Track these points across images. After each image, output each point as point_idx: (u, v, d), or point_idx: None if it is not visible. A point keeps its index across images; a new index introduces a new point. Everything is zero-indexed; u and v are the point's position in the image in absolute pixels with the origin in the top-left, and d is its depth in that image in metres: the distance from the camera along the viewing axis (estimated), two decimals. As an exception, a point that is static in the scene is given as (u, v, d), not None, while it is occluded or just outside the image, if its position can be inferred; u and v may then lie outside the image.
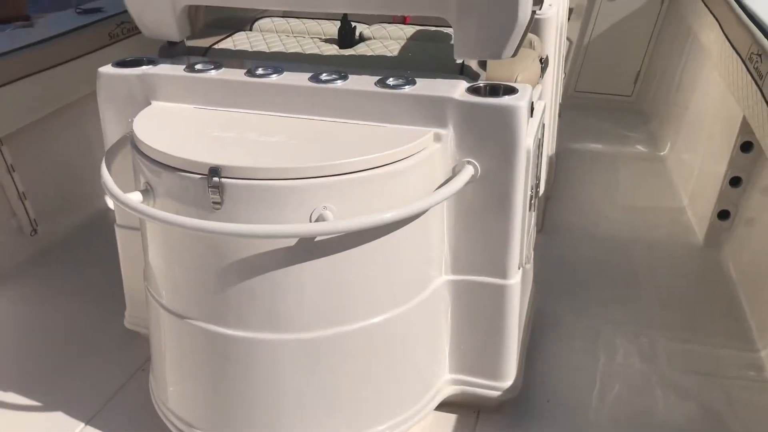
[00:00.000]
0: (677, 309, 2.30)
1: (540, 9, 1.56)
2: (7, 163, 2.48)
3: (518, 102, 1.46)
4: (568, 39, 4.18)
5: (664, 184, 3.26)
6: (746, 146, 2.58)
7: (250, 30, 2.04)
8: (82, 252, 2.61)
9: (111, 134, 1.72)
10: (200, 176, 1.34)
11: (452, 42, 1.56)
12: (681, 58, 3.75)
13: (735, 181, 2.62)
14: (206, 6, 1.80)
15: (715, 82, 3.00)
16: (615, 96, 4.28)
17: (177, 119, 1.58)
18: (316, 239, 1.38)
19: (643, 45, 4.17)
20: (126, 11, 1.74)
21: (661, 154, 3.59)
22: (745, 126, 2.51)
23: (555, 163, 3.04)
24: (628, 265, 2.58)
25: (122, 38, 2.81)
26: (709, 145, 2.96)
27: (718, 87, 2.93)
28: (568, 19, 3.99)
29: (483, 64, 1.61)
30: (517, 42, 1.51)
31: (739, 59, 2.50)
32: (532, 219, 1.74)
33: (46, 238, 2.64)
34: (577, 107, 4.04)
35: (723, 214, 2.64)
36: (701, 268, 2.57)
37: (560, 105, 3.11)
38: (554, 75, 2.53)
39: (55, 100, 2.59)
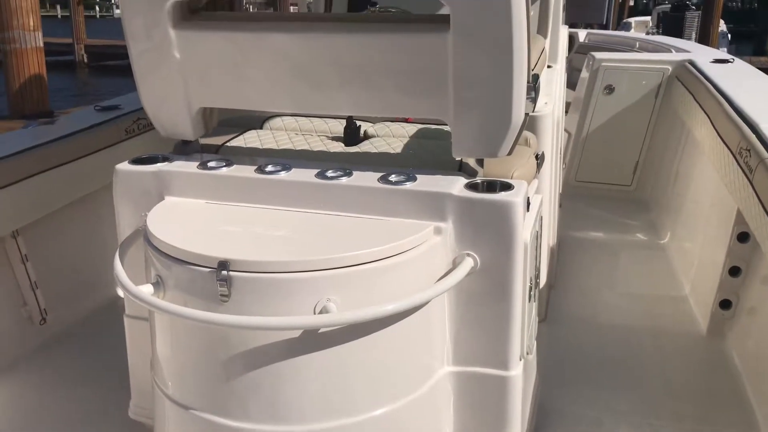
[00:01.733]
0: (682, 399, 2.29)
1: (534, 111, 1.65)
2: (22, 254, 2.55)
3: (514, 198, 1.52)
4: (566, 131, 4.32)
5: (666, 273, 3.28)
6: (743, 236, 2.62)
7: (261, 128, 2.14)
8: (89, 341, 2.63)
9: (125, 227, 1.78)
10: (209, 269, 1.39)
11: (451, 140, 1.64)
12: (677, 149, 3.86)
13: (734, 271, 2.65)
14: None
15: (709, 174, 3.07)
16: (615, 185, 4.37)
17: (189, 214, 1.65)
18: (320, 331, 1.41)
19: (640, 137, 4.29)
20: (142, 108, 1.83)
21: (662, 242, 3.64)
22: (740, 217, 2.56)
23: (557, 252, 3.08)
24: (633, 354, 2.58)
25: (138, 133, 2.93)
26: (708, 234, 3.00)
27: (712, 179, 3.00)
28: (566, 112, 4.14)
29: (480, 162, 1.69)
30: (512, 142, 1.59)
31: (730, 153, 2.57)
32: (533, 309, 1.77)
33: (55, 326, 2.66)
34: (578, 196, 4.13)
35: (725, 304, 2.65)
36: (706, 358, 2.56)
37: (560, 195, 3.19)
38: (552, 167, 2.62)
39: (71, 192, 2.68)
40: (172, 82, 1.72)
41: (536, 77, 1.62)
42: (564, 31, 3.18)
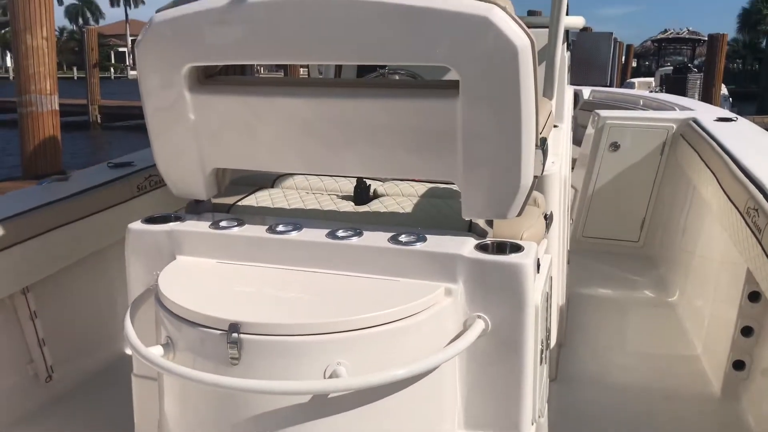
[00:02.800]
0: None
1: (542, 174, 1.67)
2: (31, 310, 2.54)
3: (524, 260, 1.52)
4: (573, 187, 4.35)
5: (677, 332, 3.24)
6: (754, 296, 2.60)
7: (272, 187, 2.17)
8: (95, 399, 2.60)
9: (135, 286, 1.78)
10: (220, 332, 1.39)
11: (460, 199, 1.65)
12: (684, 206, 3.86)
13: (746, 331, 2.61)
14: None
15: (717, 232, 3.07)
16: (622, 241, 4.35)
17: (200, 274, 1.66)
18: (329, 395, 1.40)
19: (646, 193, 4.30)
20: (154, 165, 1.85)
21: (671, 299, 3.61)
22: (750, 276, 2.54)
23: (566, 309, 3.06)
24: (645, 416, 2.52)
25: (149, 190, 2.95)
26: (718, 293, 2.98)
27: (720, 237, 2.99)
28: (572, 169, 4.18)
29: (490, 222, 1.70)
30: (522, 204, 1.60)
31: (738, 212, 2.57)
32: (545, 371, 1.75)
33: (61, 384, 2.64)
34: (586, 252, 4.12)
35: (738, 365, 2.61)
36: (720, 420, 2.50)
37: (568, 251, 3.18)
38: (560, 224, 2.63)
39: (82, 249, 2.69)
40: (186, 143, 1.76)
41: (544, 140, 1.64)
42: (569, 91, 3.24)
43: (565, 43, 2.95)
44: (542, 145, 1.60)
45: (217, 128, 1.74)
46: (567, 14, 2.84)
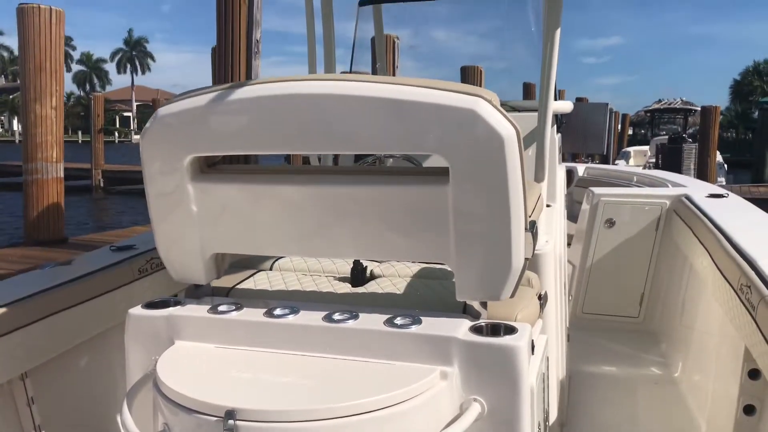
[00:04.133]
0: None
1: (533, 254, 1.71)
2: (28, 396, 2.50)
3: (518, 342, 1.54)
4: (570, 263, 4.38)
5: (680, 410, 3.21)
6: (753, 373, 2.58)
7: (271, 269, 2.20)
8: None
9: (134, 372, 1.79)
10: (216, 419, 1.40)
11: (454, 280, 1.68)
12: (681, 282, 3.87)
13: (749, 409, 2.59)
14: None
15: (714, 308, 3.07)
16: (622, 317, 4.34)
17: (198, 359, 1.67)
18: None
19: (644, 268, 4.31)
20: (155, 248, 1.88)
21: (674, 376, 3.58)
22: (748, 353, 2.53)
23: (567, 387, 3.04)
24: None
25: (151, 273, 2.96)
26: (719, 370, 2.96)
27: (717, 313, 2.99)
28: (569, 244, 4.21)
29: (484, 303, 1.73)
30: (514, 285, 1.64)
31: (732, 289, 2.58)
32: None
33: None
34: (586, 329, 4.10)
35: None
36: None
37: (568, 329, 3.18)
38: (558, 302, 2.64)
39: (82, 333, 2.67)
40: (186, 229, 1.79)
41: (533, 223, 1.69)
42: (561, 170, 3.31)
43: (554, 126, 3.05)
44: (532, 227, 1.65)
45: (218, 215, 1.78)
46: (556, 98, 2.95)
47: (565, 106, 3.20)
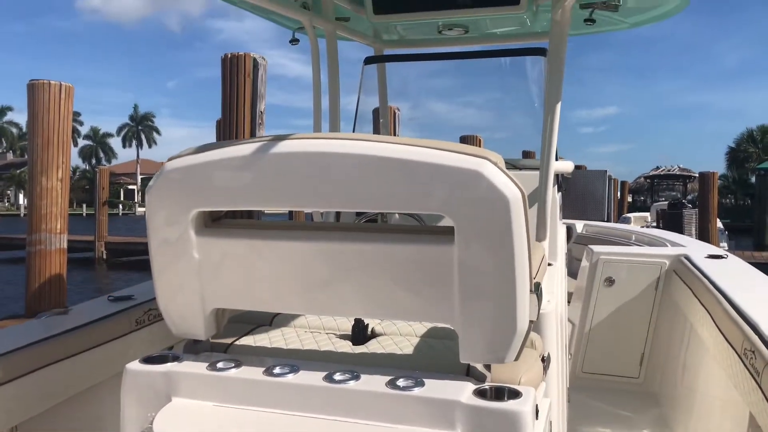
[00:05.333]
0: None
1: (537, 318, 1.70)
2: None
3: (523, 407, 1.52)
4: (570, 321, 4.33)
5: None
6: None
7: (271, 325, 2.18)
8: None
9: (129, 428, 1.76)
10: None
11: (457, 339, 1.66)
12: (682, 343, 3.81)
13: None
14: None
15: (716, 371, 3.02)
16: (622, 377, 4.27)
17: (195, 419, 1.64)
18: None
19: (644, 328, 4.26)
20: (153, 299, 1.87)
21: None
22: (753, 420, 2.46)
23: None
24: None
25: (148, 324, 2.92)
26: None
27: (720, 378, 2.94)
28: (569, 302, 4.18)
29: (488, 366, 1.71)
30: (518, 348, 1.62)
31: (735, 354, 2.54)
32: None
33: None
34: (586, 389, 4.02)
35: None
36: None
37: (568, 389, 3.11)
38: (559, 362, 2.60)
39: (77, 385, 2.62)
40: (188, 282, 1.80)
41: (538, 285, 1.69)
42: (562, 229, 3.33)
43: (556, 186, 3.08)
44: (536, 289, 1.64)
45: (220, 269, 1.79)
46: (557, 158, 3.00)
47: (567, 166, 3.25)
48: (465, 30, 3.51)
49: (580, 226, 6.57)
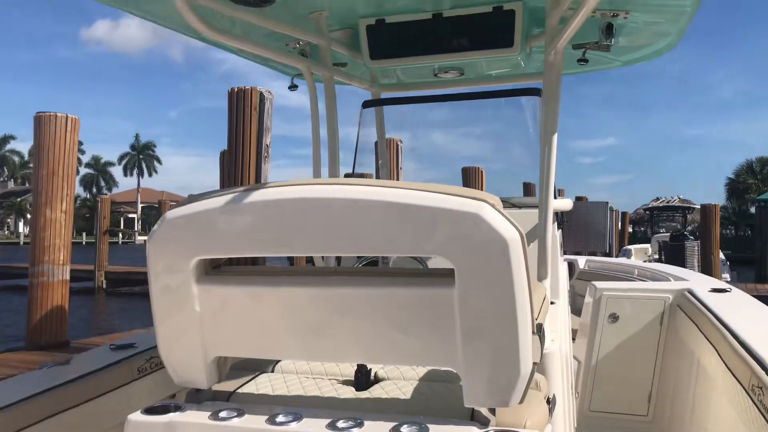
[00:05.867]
0: None
1: (540, 359, 1.71)
2: None
3: None
4: (575, 358, 4.29)
5: None
6: None
7: (273, 371, 2.17)
8: None
9: None
10: None
11: (460, 383, 1.66)
12: (690, 379, 3.78)
13: None
14: None
15: (725, 407, 2.98)
16: (631, 416, 4.20)
17: None
18: None
19: (650, 364, 4.22)
20: (155, 347, 1.86)
21: None
22: None
23: None
24: None
25: (150, 372, 2.90)
26: None
27: (729, 413, 2.89)
28: (573, 339, 4.15)
29: (493, 410, 1.70)
30: (523, 390, 1.62)
31: (743, 390, 2.52)
32: None
33: None
34: (594, 428, 3.97)
35: None
36: None
37: (576, 430, 3.08)
38: (565, 402, 2.58)
39: None
40: (190, 330, 1.79)
41: (540, 326, 1.69)
42: (563, 267, 3.33)
43: (555, 223, 3.10)
44: (539, 330, 1.64)
45: (222, 317, 1.79)
46: (555, 196, 3.02)
47: (565, 203, 3.27)
48: (460, 72, 3.58)
49: (582, 261, 6.57)
